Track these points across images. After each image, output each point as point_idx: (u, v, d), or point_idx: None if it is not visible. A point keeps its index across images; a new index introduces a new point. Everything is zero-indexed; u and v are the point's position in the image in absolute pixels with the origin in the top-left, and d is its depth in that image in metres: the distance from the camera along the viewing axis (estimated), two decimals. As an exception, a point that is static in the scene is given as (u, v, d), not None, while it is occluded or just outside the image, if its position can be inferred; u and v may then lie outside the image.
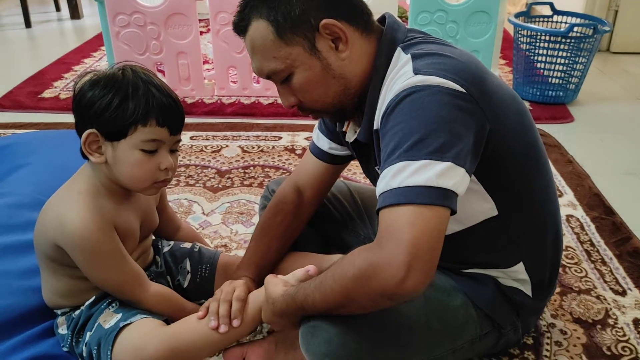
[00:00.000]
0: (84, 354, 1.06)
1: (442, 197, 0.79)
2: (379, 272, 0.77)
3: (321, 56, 0.93)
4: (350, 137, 1.06)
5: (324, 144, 1.18)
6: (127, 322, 1.02)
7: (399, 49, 0.94)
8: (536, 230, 1.04)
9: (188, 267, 1.21)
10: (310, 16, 0.90)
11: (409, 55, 0.90)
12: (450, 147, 0.81)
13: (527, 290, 1.06)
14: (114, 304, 1.07)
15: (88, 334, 1.05)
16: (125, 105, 0.96)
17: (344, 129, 1.08)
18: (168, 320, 1.09)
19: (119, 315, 1.05)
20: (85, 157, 1.02)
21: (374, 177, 1.05)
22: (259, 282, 1.14)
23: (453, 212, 0.81)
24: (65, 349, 1.09)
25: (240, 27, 0.95)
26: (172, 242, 1.26)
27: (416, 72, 0.85)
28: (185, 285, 1.21)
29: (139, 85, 0.97)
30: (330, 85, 0.95)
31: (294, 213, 1.21)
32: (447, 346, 1.01)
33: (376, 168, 1.01)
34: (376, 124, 0.95)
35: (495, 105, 0.89)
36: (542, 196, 1.03)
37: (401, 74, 0.88)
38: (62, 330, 1.10)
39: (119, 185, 1.04)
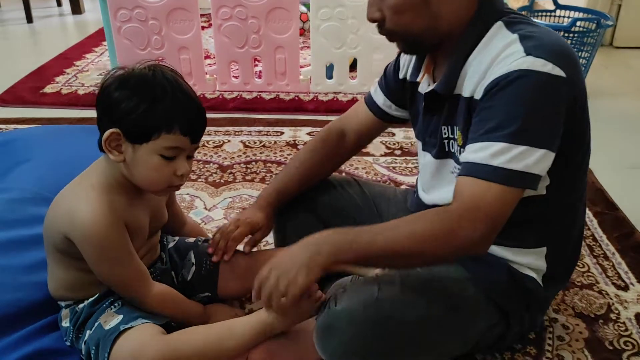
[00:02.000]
0: (83, 352, 1.06)
1: (530, 181, 0.89)
2: (460, 237, 0.87)
3: None
4: (424, 88, 1.07)
5: (380, 98, 1.22)
6: (128, 325, 1.02)
7: (501, 23, 0.95)
8: (569, 219, 1.06)
9: (193, 259, 1.22)
10: None
11: (516, 35, 0.92)
12: (548, 135, 0.88)
13: (539, 279, 1.07)
14: (116, 304, 1.07)
15: (88, 332, 1.06)
16: (152, 110, 0.95)
17: (417, 80, 1.09)
18: (170, 323, 1.09)
19: (120, 317, 1.04)
20: (103, 150, 1.02)
21: (437, 133, 1.06)
22: (275, 207, 1.23)
23: (535, 189, 0.91)
24: (68, 343, 1.10)
25: None
26: (176, 238, 1.26)
27: (528, 52, 0.88)
28: (189, 277, 1.21)
29: (168, 92, 0.96)
30: (422, 17, 0.95)
31: (331, 154, 1.27)
32: (460, 338, 1.03)
33: (443, 127, 1.04)
34: (467, 91, 0.96)
35: (582, 85, 0.95)
36: (583, 189, 1.07)
37: (511, 52, 0.90)
38: (66, 323, 1.10)
39: (132, 183, 1.04)
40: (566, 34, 2.44)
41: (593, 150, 1.10)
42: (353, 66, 2.65)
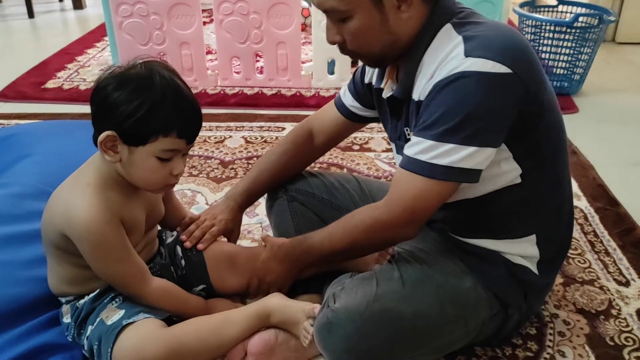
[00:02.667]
0: (86, 347, 1.07)
1: (457, 175, 0.92)
2: (386, 228, 0.99)
3: (383, 10, 0.96)
4: (386, 93, 1.09)
5: (348, 100, 1.24)
6: (130, 320, 1.02)
7: (449, 25, 0.97)
8: (554, 203, 1.07)
9: (180, 253, 1.22)
10: None
11: (460, 37, 0.94)
12: (482, 132, 0.91)
13: (534, 267, 1.08)
14: (117, 299, 1.08)
15: (90, 327, 1.06)
16: (151, 115, 0.95)
17: (381, 86, 1.11)
18: (172, 318, 1.10)
19: (122, 312, 1.05)
20: (96, 146, 1.01)
21: (399, 135, 1.10)
22: (243, 207, 1.30)
23: (474, 182, 0.95)
24: (69, 338, 1.10)
25: None
26: (175, 233, 1.26)
27: (467, 54, 0.91)
28: (184, 272, 1.21)
29: (167, 96, 0.96)
30: (381, 39, 0.98)
31: (300, 155, 1.30)
32: (461, 329, 1.03)
33: (405, 128, 1.07)
34: (417, 94, 1.00)
35: (537, 76, 0.96)
36: (562, 172, 1.07)
37: (454, 55, 0.93)
38: (67, 319, 1.10)
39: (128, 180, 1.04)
40: (568, 30, 2.44)
41: (594, 146, 1.10)
42: (355, 62, 2.64)
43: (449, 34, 0.96)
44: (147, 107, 0.95)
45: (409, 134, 1.06)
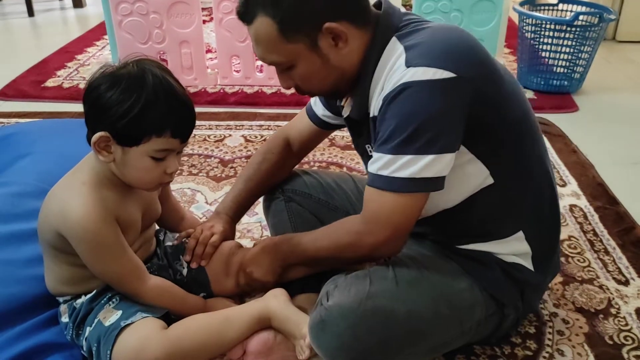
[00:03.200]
0: (84, 348, 1.07)
1: (422, 186, 0.93)
2: (366, 244, 0.99)
3: (321, 52, 0.98)
4: (346, 112, 1.11)
5: (319, 110, 1.25)
6: (128, 321, 1.02)
7: (394, 38, 0.98)
8: (533, 197, 1.06)
9: (184, 263, 1.21)
10: (313, 18, 0.95)
11: (402, 47, 0.95)
12: (436, 140, 0.91)
13: (528, 264, 1.08)
14: (114, 299, 1.07)
15: (88, 329, 1.06)
16: (143, 115, 0.95)
17: (342, 104, 1.13)
18: (169, 314, 1.10)
19: (119, 313, 1.04)
20: (90, 145, 1.01)
21: (363, 151, 1.13)
22: (235, 220, 1.30)
23: (440, 189, 0.95)
24: (68, 337, 1.10)
25: (245, 18, 0.98)
26: (173, 237, 1.25)
27: (408, 64, 0.92)
28: (185, 279, 1.20)
29: (160, 96, 0.95)
30: (328, 75, 1.01)
31: (279, 163, 1.31)
32: (457, 329, 1.03)
33: (366, 146, 1.10)
34: (372, 111, 1.02)
35: (488, 74, 0.96)
36: (538, 165, 1.06)
37: (397, 67, 0.94)
38: (65, 318, 1.10)
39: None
40: (568, 28, 2.43)
41: (594, 145, 1.10)
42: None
43: (393, 47, 0.98)
44: (139, 107, 0.94)
45: (370, 151, 1.07)
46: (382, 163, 0.94)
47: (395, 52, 0.96)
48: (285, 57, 0.98)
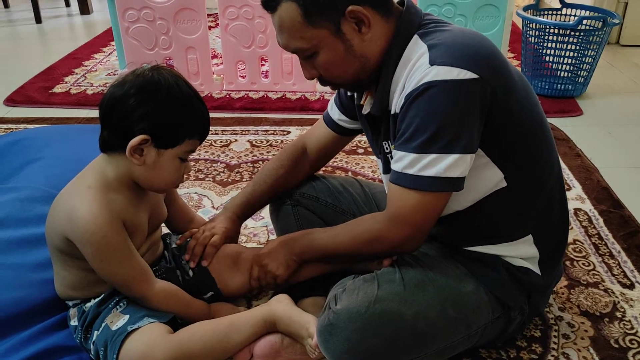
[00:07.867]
0: (92, 352, 1.08)
1: (447, 185, 0.94)
2: (388, 241, 1.01)
3: (345, 38, 0.99)
4: (366, 109, 1.12)
5: (335, 114, 1.26)
6: (135, 326, 1.03)
7: (416, 36, 1.00)
8: (544, 202, 1.07)
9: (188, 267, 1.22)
10: (337, 2, 0.96)
11: (425, 46, 0.96)
12: (459, 139, 0.92)
13: (535, 267, 1.08)
14: (121, 304, 1.08)
15: (95, 333, 1.07)
16: (184, 119, 1.01)
17: (361, 102, 1.13)
18: (176, 318, 1.11)
19: (126, 317, 1.05)
20: (103, 150, 1.03)
21: (380, 149, 1.13)
22: (242, 219, 1.31)
23: (461, 189, 0.96)
24: (77, 341, 1.11)
25: (270, 5, 1.01)
26: (178, 235, 1.27)
27: (432, 63, 0.93)
28: (191, 278, 1.21)
29: (193, 100, 1.03)
30: (351, 64, 1.02)
31: (295, 170, 1.31)
32: (463, 332, 1.04)
33: (384, 143, 1.10)
34: (393, 108, 1.03)
35: (505, 79, 0.97)
36: (551, 171, 1.07)
37: (419, 65, 0.95)
38: (74, 322, 1.11)
39: (131, 181, 1.05)
40: (572, 33, 2.44)
41: (598, 149, 1.11)
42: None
43: (416, 44, 0.99)
44: (181, 112, 1.01)
45: (387, 148, 1.08)
46: (407, 162, 0.95)
47: (418, 49, 0.98)
48: (309, 43, 0.99)
